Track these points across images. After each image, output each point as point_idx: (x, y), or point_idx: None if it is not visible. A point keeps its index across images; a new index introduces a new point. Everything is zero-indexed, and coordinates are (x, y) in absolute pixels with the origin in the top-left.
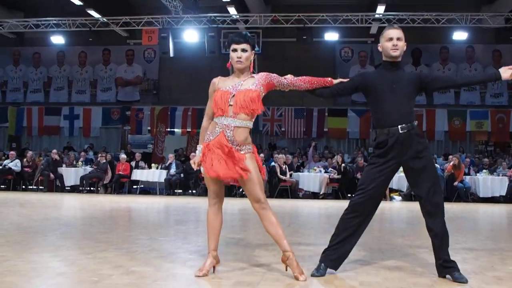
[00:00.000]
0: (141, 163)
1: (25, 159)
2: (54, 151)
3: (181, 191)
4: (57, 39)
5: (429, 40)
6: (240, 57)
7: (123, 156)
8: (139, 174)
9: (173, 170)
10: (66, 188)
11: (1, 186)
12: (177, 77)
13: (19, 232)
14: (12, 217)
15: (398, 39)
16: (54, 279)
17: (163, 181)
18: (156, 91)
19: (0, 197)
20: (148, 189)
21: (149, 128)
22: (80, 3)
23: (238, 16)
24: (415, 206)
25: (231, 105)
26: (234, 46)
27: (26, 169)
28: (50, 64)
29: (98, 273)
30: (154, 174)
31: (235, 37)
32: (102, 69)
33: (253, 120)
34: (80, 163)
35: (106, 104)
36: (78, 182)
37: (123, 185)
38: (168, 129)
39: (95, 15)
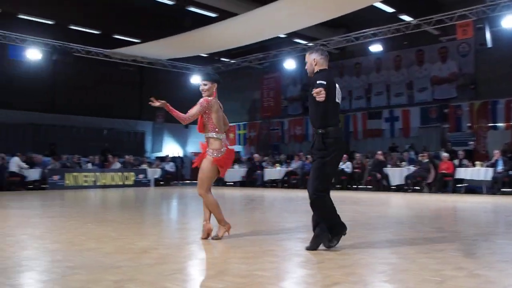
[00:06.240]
0: (465, 161)
1: (354, 161)
2: (379, 152)
3: (510, 189)
4: (375, 48)
5: None
6: None
7: (444, 154)
8: (462, 173)
9: (499, 168)
10: (392, 187)
11: (337, 186)
12: (495, 68)
13: (358, 228)
14: (349, 214)
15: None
16: (398, 275)
17: (489, 179)
18: (473, 86)
19: (337, 195)
20: (473, 188)
21: (468, 124)
22: (392, 10)
23: None
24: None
25: None
26: None
27: (355, 170)
28: (369, 72)
29: (440, 273)
30: (479, 172)
31: None
32: (417, 69)
33: (208, 130)
34: (403, 163)
35: (423, 104)
36: (403, 181)
37: (446, 184)
38: (490, 124)
39: (407, 18)
